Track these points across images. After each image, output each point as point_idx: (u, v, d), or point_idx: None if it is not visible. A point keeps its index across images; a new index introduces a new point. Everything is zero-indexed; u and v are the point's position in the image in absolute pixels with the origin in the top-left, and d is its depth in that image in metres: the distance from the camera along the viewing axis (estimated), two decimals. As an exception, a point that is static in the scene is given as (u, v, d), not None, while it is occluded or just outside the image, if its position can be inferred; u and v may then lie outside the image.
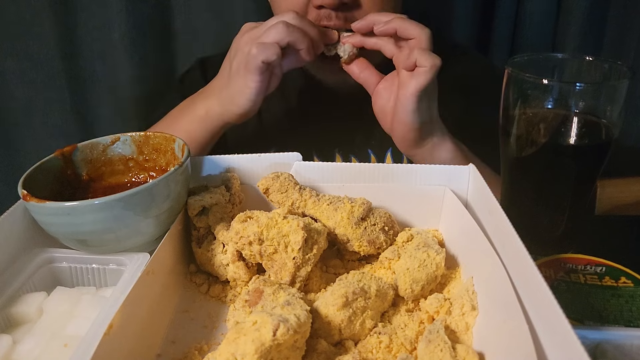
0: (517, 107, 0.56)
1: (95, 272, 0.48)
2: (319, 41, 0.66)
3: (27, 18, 0.97)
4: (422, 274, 0.46)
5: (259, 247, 0.46)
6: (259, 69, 0.63)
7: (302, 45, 0.64)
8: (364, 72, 0.70)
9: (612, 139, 0.54)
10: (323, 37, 0.67)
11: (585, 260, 0.56)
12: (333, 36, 0.68)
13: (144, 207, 0.46)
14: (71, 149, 0.53)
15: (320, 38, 0.67)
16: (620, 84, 0.52)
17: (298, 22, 0.64)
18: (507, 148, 0.58)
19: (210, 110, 0.70)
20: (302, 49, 0.64)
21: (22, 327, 0.43)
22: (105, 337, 0.35)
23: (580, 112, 0.54)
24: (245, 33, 0.67)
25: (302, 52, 0.65)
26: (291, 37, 0.63)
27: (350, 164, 0.57)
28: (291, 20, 0.64)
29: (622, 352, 0.39)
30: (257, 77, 0.64)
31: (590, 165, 0.56)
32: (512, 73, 0.55)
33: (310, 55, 0.65)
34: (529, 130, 0.55)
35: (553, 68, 0.60)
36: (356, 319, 0.42)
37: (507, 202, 0.61)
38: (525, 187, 0.60)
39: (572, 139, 0.55)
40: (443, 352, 0.38)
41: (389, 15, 0.65)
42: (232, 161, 0.58)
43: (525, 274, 0.38)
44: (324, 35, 0.68)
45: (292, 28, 0.63)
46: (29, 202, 0.44)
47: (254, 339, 0.34)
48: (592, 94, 0.54)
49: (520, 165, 0.58)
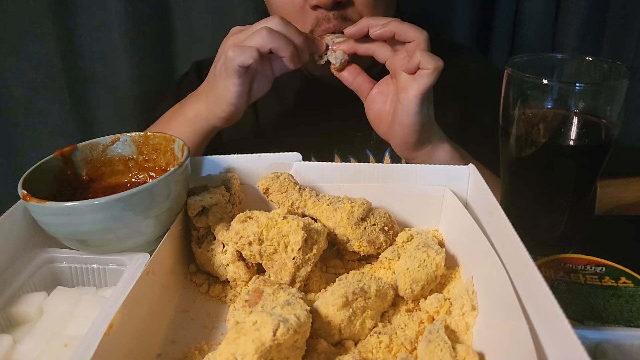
0: (517, 107, 0.56)
1: (95, 272, 0.48)
2: (304, 49, 0.66)
3: (27, 18, 0.97)
4: (422, 274, 0.46)
5: (258, 247, 0.46)
6: (237, 72, 0.63)
7: (285, 52, 0.63)
8: (356, 78, 0.70)
9: (612, 139, 0.54)
10: (310, 46, 0.67)
11: (585, 260, 0.56)
12: (321, 46, 0.68)
13: (143, 207, 0.46)
14: (71, 149, 0.53)
15: (306, 46, 0.66)
16: (620, 84, 0.52)
17: (282, 28, 0.63)
18: (506, 148, 0.58)
19: (198, 113, 0.70)
20: (285, 57, 0.64)
21: (22, 327, 0.43)
22: (105, 337, 0.34)
23: (580, 112, 0.54)
24: (231, 37, 0.67)
25: (286, 60, 0.64)
26: (274, 44, 0.62)
27: (350, 164, 0.57)
28: (275, 26, 0.63)
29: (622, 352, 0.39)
30: (236, 80, 0.64)
31: (590, 165, 0.56)
32: (511, 73, 0.55)
33: (294, 62, 0.65)
34: (528, 131, 0.55)
35: (553, 68, 0.60)
36: (356, 319, 0.42)
37: (507, 202, 0.61)
38: (525, 187, 0.60)
39: (572, 139, 0.55)
40: (443, 352, 0.38)
41: (384, 18, 0.65)
42: (232, 161, 0.58)
43: (525, 274, 0.38)
44: (311, 44, 0.67)
45: (275, 34, 0.62)
46: (29, 202, 0.44)
47: (254, 339, 0.34)
48: (591, 94, 0.54)
49: (520, 166, 0.58)
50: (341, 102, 0.85)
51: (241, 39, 0.64)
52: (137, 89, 1.05)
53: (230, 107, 0.66)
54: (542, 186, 0.58)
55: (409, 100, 0.63)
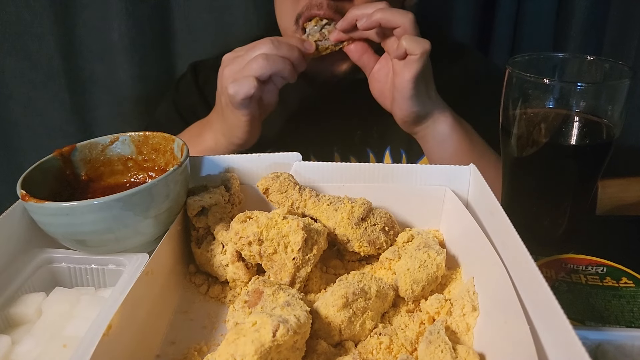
0: (518, 107, 0.56)
1: (94, 272, 0.48)
2: (301, 60, 0.67)
3: (27, 18, 0.97)
4: (422, 274, 0.46)
5: (258, 248, 0.46)
6: (243, 104, 0.65)
7: (285, 72, 0.65)
8: (362, 56, 0.71)
9: (613, 139, 0.54)
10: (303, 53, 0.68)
11: (587, 260, 0.55)
12: (310, 47, 0.69)
13: (143, 207, 0.45)
14: (70, 149, 0.53)
15: (301, 56, 0.67)
16: (621, 84, 0.52)
17: (276, 50, 0.64)
18: (507, 148, 0.58)
19: (218, 142, 0.73)
20: (286, 75, 0.66)
21: (21, 327, 0.43)
22: (104, 338, 0.34)
23: (581, 111, 0.53)
24: (226, 67, 0.67)
25: (287, 77, 0.66)
26: (272, 69, 0.64)
27: (350, 164, 0.57)
28: (270, 50, 0.64)
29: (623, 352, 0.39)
30: (244, 111, 0.66)
31: (591, 165, 0.55)
32: (512, 72, 0.55)
33: (294, 76, 0.67)
34: (529, 130, 0.55)
35: (554, 68, 0.60)
36: (356, 319, 0.42)
37: (508, 202, 0.61)
38: (526, 187, 0.60)
39: (573, 138, 0.54)
40: (444, 352, 0.38)
41: (369, 7, 0.65)
42: (232, 161, 0.58)
43: (526, 275, 0.38)
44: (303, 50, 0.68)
45: (272, 59, 0.63)
46: (28, 202, 0.44)
47: (253, 340, 0.34)
48: (593, 93, 0.53)
49: (521, 165, 0.58)
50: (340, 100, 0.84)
51: (237, 69, 0.65)
52: (137, 89, 1.04)
53: (246, 134, 0.69)
54: (543, 186, 0.58)
55: (403, 86, 0.65)
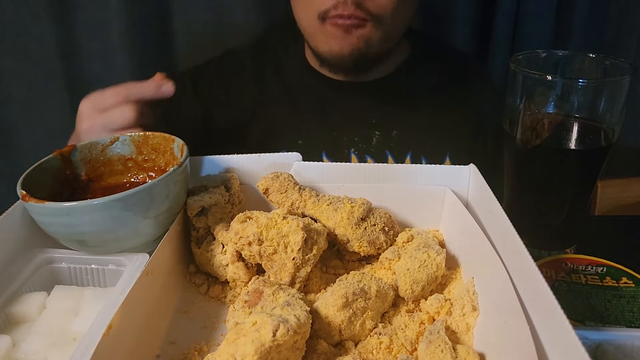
0: (521, 104, 0.55)
1: (94, 272, 0.48)
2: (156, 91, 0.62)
3: (26, 18, 0.97)
4: (422, 274, 0.46)
5: (258, 248, 0.46)
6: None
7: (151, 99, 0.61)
8: None
9: (614, 139, 0.54)
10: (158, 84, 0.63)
11: (586, 260, 0.55)
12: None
13: (143, 207, 0.45)
14: (70, 149, 0.53)
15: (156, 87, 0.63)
16: (622, 81, 0.52)
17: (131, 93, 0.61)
18: (509, 145, 0.58)
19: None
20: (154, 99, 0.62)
21: (22, 327, 0.43)
22: (104, 338, 0.34)
23: (583, 109, 0.53)
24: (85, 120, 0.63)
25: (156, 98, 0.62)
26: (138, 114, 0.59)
27: (350, 164, 0.57)
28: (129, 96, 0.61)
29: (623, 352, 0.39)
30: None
31: (592, 164, 0.56)
32: (515, 69, 0.55)
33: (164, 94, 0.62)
34: (532, 126, 0.55)
35: (555, 65, 0.60)
36: (356, 319, 0.42)
37: (508, 202, 0.61)
38: (526, 187, 0.60)
39: (574, 137, 0.54)
40: (444, 352, 0.38)
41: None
42: (232, 161, 0.58)
43: (526, 275, 0.38)
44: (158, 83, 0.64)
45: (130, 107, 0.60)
46: (28, 203, 0.44)
47: (253, 340, 0.34)
48: (594, 90, 0.53)
49: (522, 164, 0.58)
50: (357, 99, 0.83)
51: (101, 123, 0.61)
52: (136, 88, 1.04)
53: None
54: (543, 185, 0.58)
55: None
